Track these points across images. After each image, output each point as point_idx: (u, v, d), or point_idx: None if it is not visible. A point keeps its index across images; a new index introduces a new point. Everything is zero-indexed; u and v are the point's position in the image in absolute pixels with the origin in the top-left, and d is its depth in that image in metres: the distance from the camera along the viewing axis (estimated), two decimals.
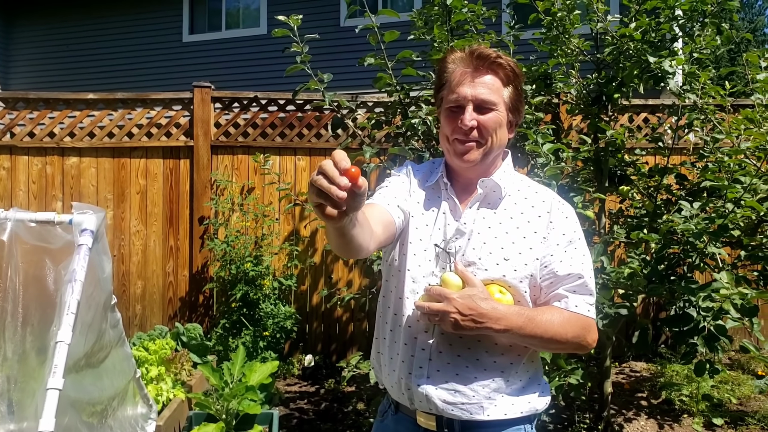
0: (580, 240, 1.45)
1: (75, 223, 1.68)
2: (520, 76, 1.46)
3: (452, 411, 1.39)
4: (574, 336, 1.38)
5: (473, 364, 1.39)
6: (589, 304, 1.40)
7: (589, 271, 1.42)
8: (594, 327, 1.41)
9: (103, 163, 4.82)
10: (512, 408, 1.41)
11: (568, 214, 1.47)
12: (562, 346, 1.41)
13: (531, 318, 1.34)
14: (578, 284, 1.40)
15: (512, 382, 1.42)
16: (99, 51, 11.32)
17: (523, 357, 1.43)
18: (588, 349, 1.43)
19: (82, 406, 1.72)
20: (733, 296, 2.34)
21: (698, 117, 3.36)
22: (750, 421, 3.92)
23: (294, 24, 2.68)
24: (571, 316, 1.38)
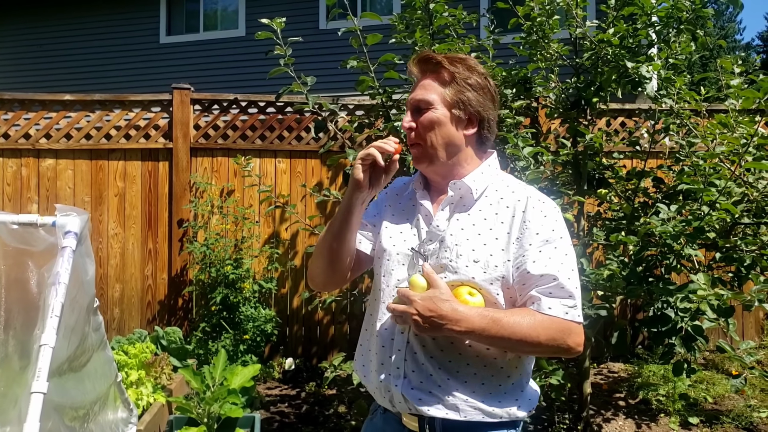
0: (561, 239, 1.39)
1: (58, 225, 1.66)
2: (464, 73, 1.45)
3: (428, 411, 1.40)
4: (549, 339, 1.32)
5: (446, 367, 1.40)
6: (567, 306, 1.34)
7: (567, 272, 1.36)
8: (577, 330, 1.35)
9: (80, 165, 4.75)
10: (491, 412, 1.39)
11: (547, 212, 1.41)
12: (537, 349, 1.36)
13: (495, 320, 1.31)
14: (553, 286, 1.34)
15: (489, 387, 1.40)
16: (74, 52, 11.16)
17: (501, 361, 1.41)
18: (572, 352, 1.36)
19: (64, 411, 1.70)
20: (710, 297, 2.40)
21: (674, 121, 3.43)
22: (725, 420, 4.00)
23: (277, 27, 2.68)
24: (544, 319, 1.33)
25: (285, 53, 2.80)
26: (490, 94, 1.48)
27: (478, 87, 1.46)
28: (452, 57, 1.48)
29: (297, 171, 4.92)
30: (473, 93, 1.45)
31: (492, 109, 1.48)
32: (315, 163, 4.92)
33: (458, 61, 1.47)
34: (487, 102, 1.46)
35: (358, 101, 4.76)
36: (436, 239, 1.44)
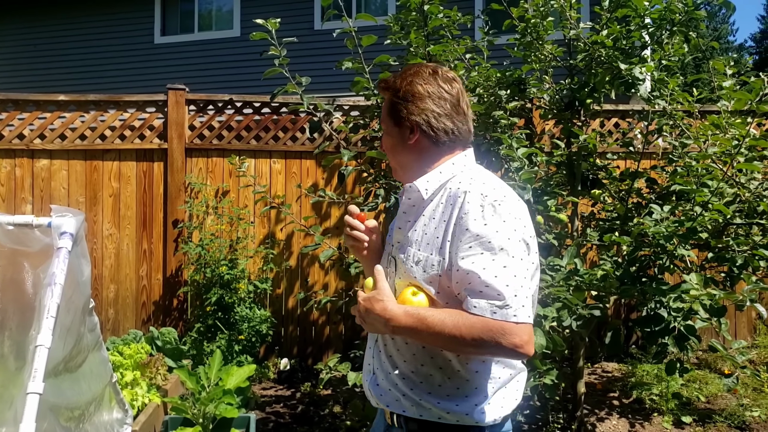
0: (497, 234, 1.33)
1: (54, 226, 1.66)
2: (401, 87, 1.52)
3: (388, 407, 1.48)
4: (475, 339, 1.27)
5: (402, 365, 1.45)
6: (495, 305, 1.27)
7: (496, 269, 1.29)
8: (514, 330, 1.26)
9: (74, 165, 4.74)
10: (447, 416, 1.40)
11: (487, 208, 1.36)
12: (468, 348, 1.32)
13: (421, 319, 1.33)
14: (479, 283, 1.29)
15: (445, 389, 1.41)
16: (69, 52, 11.12)
17: (456, 363, 1.40)
18: (517, 353, 1.29)
19: (60, 411, 1.70)
20: (702, 297, 2.42)
21: (667, 122, 3.45)
22: (717, 419, 4.03)
23: (272, 27, 2.69)
24: (470, 318, 1.28)
25: (280, 54, 2.81)
26: (429, 97, 1.50)
27: (412, 95, 1.50)
28: (396, 75, 1.58)
29: (292, 171, 4.92)
30: (406, 104, 1.50)
31: (436, 112, 1.49)
32: (310, 164, 4.93)
33: (399, 76, 1.55)
34: (427, 106, 1.49)
35: (353, 102, 4.77)
36: (396, 243, 1.53)
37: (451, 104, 1.51)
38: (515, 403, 1.48)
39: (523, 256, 1.34)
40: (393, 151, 1.57)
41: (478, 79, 3.64)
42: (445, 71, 1.55)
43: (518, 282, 1.30)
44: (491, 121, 3.64)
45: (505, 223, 1.34)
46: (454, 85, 1.53)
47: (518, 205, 1.43)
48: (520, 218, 1.40)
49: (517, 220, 1.38)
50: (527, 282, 1.33)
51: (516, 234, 1.35)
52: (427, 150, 1.52)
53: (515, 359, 1.41)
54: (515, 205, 1.41)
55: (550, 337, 2.75)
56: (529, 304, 1.31)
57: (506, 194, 1.42)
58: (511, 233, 1.34)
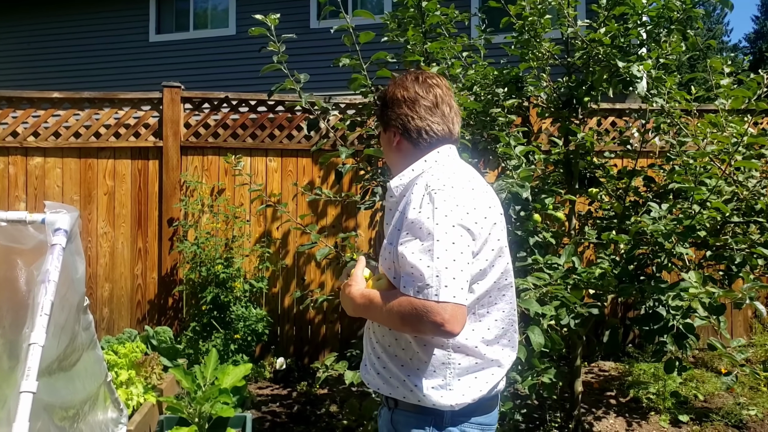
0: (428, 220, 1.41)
1: (48, 222, 1.63)
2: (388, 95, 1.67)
3: (369, 385, 1.62)
4: (403, 316, 1.38)
5: (376, 346, 1.59)
6: (418, 285, 1.36)
7: (421, 252, 1.38)
8: (436, 309, 1.34)
9: (69, 163, 4.70)
10: (410, 394, 1.50)
11: (426, 196, 1.45)
12: (400, 326, 1.43)
13: (371, 299, 1.48)
14: (406, 265, 1.40)
15: (407, 369, 1.51)
16: (62, 50, 11.05)
17: (415, 345, 1.50)
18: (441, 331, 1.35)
19: (54, 410, 1.67)
20: (701, 295, 2.41)
21: (665, 121, 3.45)
22: (714, 418, 4.02)
23: (271, 23, 2.67)
24: (401, 297, 1.40)
25: (279, 50, 2.78)
26: (404, 102, 1.62)
27: (392, 102, 1.64)
28: (389, 84, 1.71)
29: (288, 170, 4.90)
30: (387, 110, 1.66)
31: (407, 113, 1.61)
32: (306, 162, 4.91)
33: (390, 85, 1.69)
34: (402, 111, 1.62)
35: (349, 100, 4.75)
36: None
37: (425, 107, 1.61)
38: (479, 393, 1.51)
39: (455, 240, 1.40)
40: (385, 154, 1.74)
41: (476, 77, 3.63)
42: (427, 76, 1.66)
43: (441, 264, 1.37)
44: (488, 119, 3.63)
45: (436, 210, 1.42)
46: (431, 90, 1.63)
47: (463, 193, 1.49)
48: (462, 205, 1.46)
49: (458, 207, 1.45)
50: (456, 264, 1.38)
51: (447, 220, 1.41)
52: (408, 151, 1.64)
53: (442, 337, 1.44)
54: (458, 192, 1.48)
55: (548, 335, 2.74)
56: (456, 285, 1.36)
57: (448, 183, 1.49)
58: (441, 219, 1.41)
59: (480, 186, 1.58)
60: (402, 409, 1.55)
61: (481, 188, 1.58)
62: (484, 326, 1.55)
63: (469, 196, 1.50)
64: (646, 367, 4.71)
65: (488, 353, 1.54)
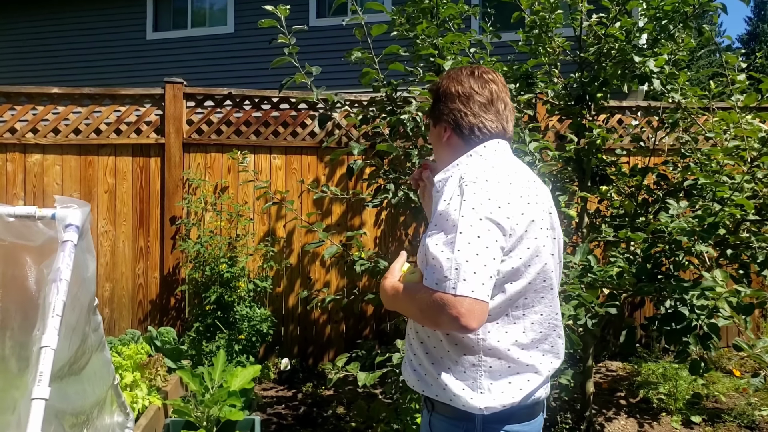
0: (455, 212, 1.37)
1: (59, 218, 1.55)
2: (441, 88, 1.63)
3: (408, 383, 1.58)
4: (423, 308, 1.36)
5: (414, 343, 1.57)
6: (437, 278, 1.33)
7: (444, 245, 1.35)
8: (452, 302, 1.30)
9: (68, 160, 4.60)
10: (442, 392, 1.47)
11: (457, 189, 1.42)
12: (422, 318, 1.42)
13: (399, 291, 1.48)
14: (430, 257, 1.37)
15: (439, 367, 1.48)
16: (58, 47, 10.93)
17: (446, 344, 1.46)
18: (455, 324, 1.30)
19: (65, 417, 1.59)
20: (727, 294, 2.34)
21: (682, 117, 3.39)
22: (726, 418, 3.97)
23: (281, 14, 2.58)
24: (423, 290, 1.37)
25: (289, 42, 2.70)
26: (458, 97, 1.58)
27: (450, 96, 1.59)
28: (445, 75, 1.66)
29: (293, 167, 4.82)
30: (440, 104, 1.61)
31: (461, 108, 1.58)
32: (311, 160, 4.83)
33: (444, 77, 1.66)
34: (455, 106, 1.58)
35: (354, 97, 4.67)
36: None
37: (479, 104, 1.57)
38: (511, 400, 1.44)
39: (481, 234, 1.35)
40: (435, 148, 1.69)
41: None
42: (484, 71, 1.61)
43: (462, 256, 1.32)
44: None
45: (464, 202, 1.38)
46: (487, 85, 1.58)
47: (497, 187, 1.43)
48: (494, 199, 1.40)
49: (489, 200, 1.39)
50: (479, 259, 1.32)
51: (474, 212, 1.36)
52: (458, 146, 1.59)
53: (458, 332, 1.38)
54: (490, 186, 1.42)
55: (567, 336, 2.67)
56: (476, 280, 1.31)
57: (482, 176, 1.44)
58: (467, 211, 1.36)
59: (522, 182, 1.51)
60: (438, 413, 1.52)
61: (523, 184, 1.50)
62: (519, 329, 1.47)
63: (504, 191, 1.43)
64: (654, 367, 4.66)
65: (523, 358, 1.47)
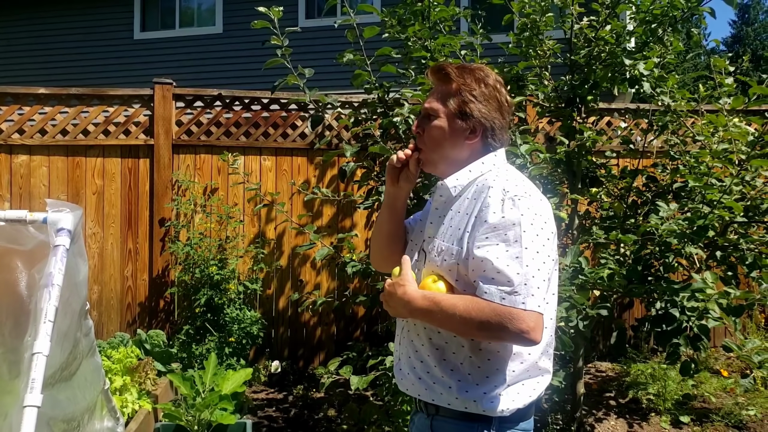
0: (514, 226, 1.38)
1: (50, 221, 1.53)
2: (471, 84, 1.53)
3: (407, 390, 1.55)
4: (483, 322, 1.34)
5: (421, 349, 1.52)
6: (504, 291, 1.34)
7: (509, 258, 1.36)
8: (521, 316, 1.32)
9: (55, 162, 4.55)
10: (456, 401, 1.45)
11: (508, 201, 1.41)
12: (476, 332, 1.38)
13: (437, 302, 1.41)
14: (491, 270, 1.36)
15: (457, 374, 1.46)
16: (45, 47, 10.80)
17: (468, 350, 1.45)
18: (524, 339, 1.34)
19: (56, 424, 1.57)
20: (716, 296, 2.36)
21: (671, 119, 3.42)
22: (714, 418, 4.01)
23: (275, 16, 2.57)
24: (480, 303, 1.36)
25: (282, 43, 2.69)
26: (497, 103, 1.54)
27: (484, 98, 1.53)
28: (463, 67, 1.57)
29: (283, 169, 4.80)
30: (477, 104, 1.52)
31: (499, 118, 1.55)
32: (301, 161, 4.81)
33: (468, 72, 1.56)
34: (492, 112, 1.53)
35: (345, 98, 4.66)
36: (425, 236, 1.60)
37: (508, 114, 1.58)
38: (528, 400, 1.48)
39: (539, 249, 1.38)
40: (442, 144, 1.56)
41: None
42: (502, 81, 1.59)
43: (529, 272, 1.35)
44: None
45: (522, 217, 1.39)
46: (509, 98, 1.59)
47: (540, 203, 1.46)
48: (541, 215, 1.43)
49: (537, 216, 1.41)
50: (540, 274, 1.37)
51: (532, 228, 1.39)
52: (477, 151, 1.56)
53: (522, 345, 1.41)
54: (536, 201, 1.45)
55: (559, 337, 2.68)
56: (540, 295, 1.35)
57: (528, 191, 1.46)
58: (528, 226, 1.38)
59: (543, 197, 1.53)
60: (444, 416, 1.49)
61: (545, 198, 1.53)
62: None
63: (543, 207, 1.47)
64: (643, 368, 4.69)
65: (540, 361, 1.51)
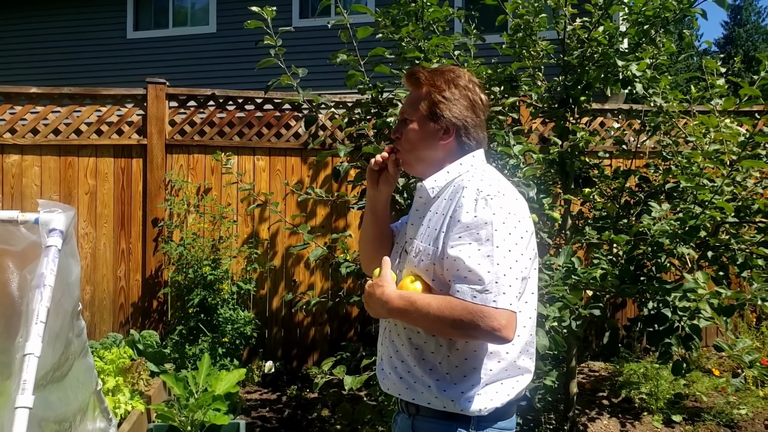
0: (487, 225, 1.39)
1: (42, 222, 1.52)
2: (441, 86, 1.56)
3: (388, 390, 1.57)
4: (455, 320, 1.35)
5: (401, 349, 1.54)
6: (475, 290, 1.35)
7: (480, 258, 1.37)
8: (493, 314, 1.33)
9: (47, 161, 4.53)
10: (435, 400, 1.46)
11: (481, 201, 1.42)
12: (450, 330, 1.40)
13: (412, 302, 1.43)
14: (463, 269, 1.37)
15: (435, 373, 1.47)
16: (37, 47, 10.75)
17: (446, 349, 1.46)
18: (496, 336, 1.34)
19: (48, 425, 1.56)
20: (708, 296, 2.38)
21: (663, 120, 3.43)
22: (706, 417, 4.03)
23: (268, 15, 2.57)
24: (453, 301, 1.37)
25: (275, 43, 2.69)
26: (468, 102, 1.56)
27: (454, 98, 1.55)
28: (434, 70, 1.61)
29: (276, 169, 4.79)
30: (447, 104, 1.55)
31: (471, 117, 1.57)
32: (295, 161, 4.81)
33: (438, 74, 1.59)
34: (464, 111, 1.56)
35: (339, 98, 4.66)
36: (407, 237, 1.62)
37: (483, 113, 1.60)
38: (507, 399, 1.49)
39: (511, 248, 1.40)
40: (417, 145, 1.59)
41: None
42: (477, 81, 1.61)
43: (500, 270, 1.36)
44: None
45: (494, 216, 1.40)
46: (484, 96, 1.61)
47: (514, 202, 1.48)
48: (515, 213, 1.45)
49: (511, 215, 1.44)
50: (512, 272, 1.38)
51: (504, 227, 1.41)
52: (452, 151, 1.58)
53: (495, 343, 1.42)
54: (510, 201, 1.47)
55: (552, 337, 2.69)
56: (512, 293, 1.36)
57: (501, 190, 1.47)
58: (499, 225, 1.40)
59: (519, 195, 1.56)
60: (424, 416, 1.51)
61: (520, 196, 1.56)
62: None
63: (518, 205, 1.49)
64: (635, 367, 4.71)
65: (518, 360, 1.51)
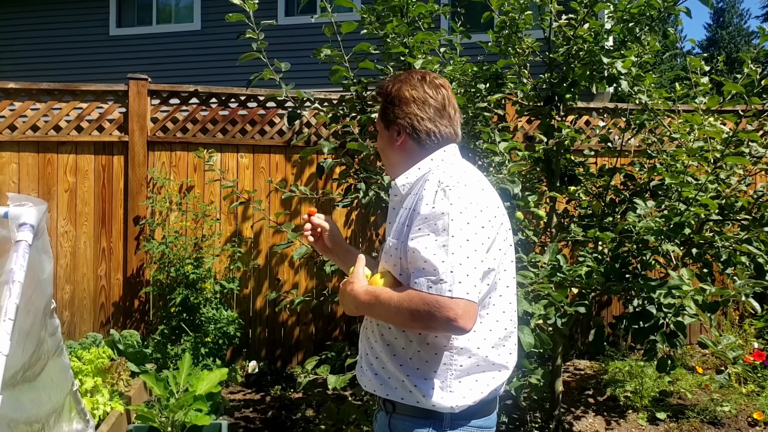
0: (443, 216, 1.39)
1: (12, 216, 1.47)
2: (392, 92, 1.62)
3: (365, 387, 1.57)
4: (413, 311, 1.35)
5: (375, 345, 1.55)
6: (430, 281, 1.35)
7: (435, 248, 1.37)
8: (449, 304, 1.32)
9: (26, 158, 4.44)
10: (409, 396, 1.47)
11: (440, 193, 1.43)
12: (409, 322, 1.39)
13: (376, 296, 1.45)
14: (419, 260, 1.38)
15: (407, 369, 1.47)
16: (16, 42, 10.57)
17: (416, 344, 1.47)
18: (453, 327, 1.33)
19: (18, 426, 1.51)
20: (692, 293, 2.37)
21: (648, 118, 3.43)
22: (690, 414, 4.04)
23: (250, 9, 2.52)
24: (411, 293, 1.38)
25: (257, 37, 2.64)
26: (414, 102, 1.59)
27: (405, 100, 1.59)
28: (391, 79, 1.68)
29: (260, 166, 4.74)
30: (394, 108, 1.60)
31: (421, 113, 1.58)
32: (279, 159, 4.76)
33: (392, 81, 1.65)
34: (408, 109, 1.59)
35: (323, 95, 4.61)
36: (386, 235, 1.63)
37: (434, 109, 1.59)
38: (480, 396, 1.48)
39: (470, 237, 1.39)
40: (384, 152, 1.68)
41: (454, 73, 3.56)
42: (434, 77, 1.63)
43: (455, 260, 1.35)
44: (469, 115, 3.56)
45: (452, 206, 1.40)
46: (440, 91, 1.61)
47: (479, 192, 1.49)
48: (476, 203, 1.45)
49: (471, 204, 1.43)
50: (470, 261, 1.37)
51: (462, 216, 1.40)
52: (413, 150, 1.61)
53: (454, 333, 1.41)
54: (471, 190, 1.47)
55: (537, 335, 2.67)
56: (469, 282, 1.35)
57: (461, 181, 1.47)
58: (456, 215, 1.40)
59: (488, 186, 1.57)
60: (400, 414, 1.51)
61: (489, 188, 1.57)
62: (486, 327, 1.51)
63: (481, 195, 1.49)
64: (621, 365, 4.71)
65: (491, 356, 1.51)
